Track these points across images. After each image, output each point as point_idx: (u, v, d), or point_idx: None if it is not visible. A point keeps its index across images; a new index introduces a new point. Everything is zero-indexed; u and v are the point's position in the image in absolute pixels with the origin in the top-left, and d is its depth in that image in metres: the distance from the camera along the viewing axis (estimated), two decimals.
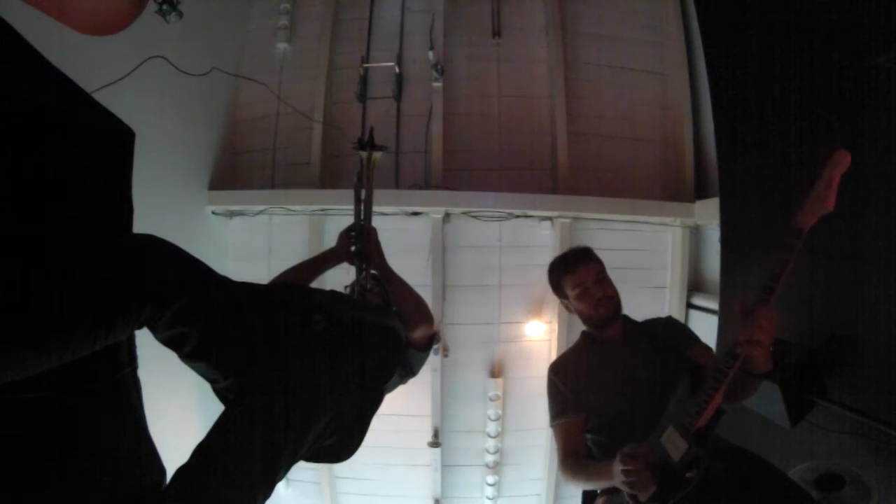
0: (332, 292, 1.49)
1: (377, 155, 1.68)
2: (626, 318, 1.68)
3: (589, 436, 1.56)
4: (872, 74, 1.61)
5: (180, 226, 3.26)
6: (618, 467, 1.25)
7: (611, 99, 3.77)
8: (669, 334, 1.63)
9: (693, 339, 1.63)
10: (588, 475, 1.44)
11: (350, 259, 1.68)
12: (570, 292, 1.60)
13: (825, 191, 1.14)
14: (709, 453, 1.24)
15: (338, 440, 1.18)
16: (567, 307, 1.68)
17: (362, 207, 1.72)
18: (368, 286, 1.65)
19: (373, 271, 1.66)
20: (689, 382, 1.35)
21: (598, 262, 1.64)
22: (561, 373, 1.62)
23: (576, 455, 1.50)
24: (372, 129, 1.70)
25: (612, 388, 1.51)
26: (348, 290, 1.67)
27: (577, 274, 1.58)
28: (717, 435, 1.37)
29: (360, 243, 1.65)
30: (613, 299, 1.60)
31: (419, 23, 3.86)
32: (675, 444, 1.26)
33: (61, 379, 0.68)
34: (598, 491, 1.51)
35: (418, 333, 1.49)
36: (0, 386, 0.61)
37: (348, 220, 1.77)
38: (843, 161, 1.12)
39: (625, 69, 3.79)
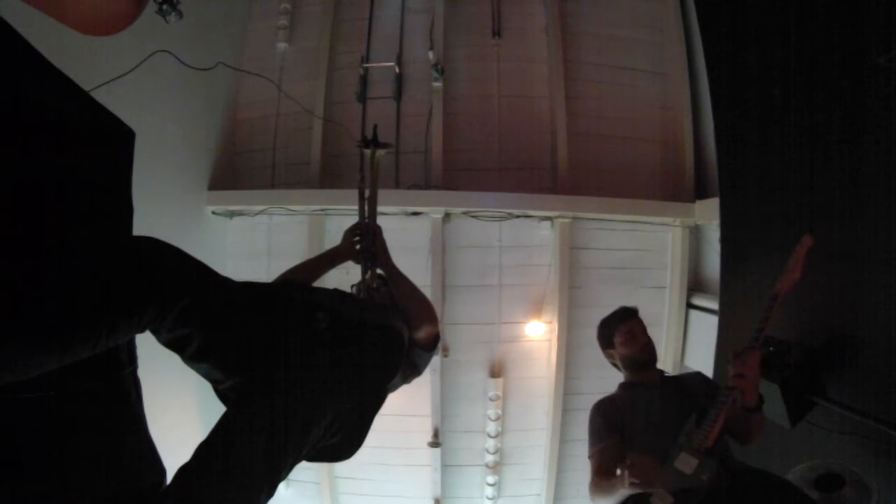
0: (336, 291, 1.48)
1: (381, 152, 1.67)
2: (661, 371, 1.87)
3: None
4: (872, 74, 1.60)
5: (180, 226, 3.26)
6: (625, 475, 1.40)
7: (611, 99, 3.77)
8: (697, 388, 1.78)
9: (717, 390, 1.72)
10: (611, 487, 1.57)
11: (355, 258, 1.67)
12: (619, 339, 1.85)
13: (794, 265, 1.57)
14: (718, 462, 1.40)
15: (340, 440, 1.17)
16: (612, 355, 1.91)
17: (367, 206, 1.71)
18: (375, 285, 1.64)
19: (378, 270, 1.65)
20: (696, 418, 1.54)
21: (642, 322, 1.92)
22: (603, 409, 1.78)
23: (606, 473, 1.61)
24: (376, 127, 1.69)
25: (651, 424, 1.66)
26: (354, 289, 1.66)
27: (627, 324, 1.87)
28: (725, 451, 1.54)
29: (366, 242, 1.64)
30: (654, 348, 1.86)
31: (419, 23, 3.86)
32: (687, 463, 1.42)
33: (61, 379, 0.68)
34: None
35: (423, 333, 1.48)
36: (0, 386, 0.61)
37: (348, 220, 1.76)
38: (806, 243, 1.58)
39: (625, 69, 3.79)
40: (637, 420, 1.68)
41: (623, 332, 1.86)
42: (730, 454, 1.57)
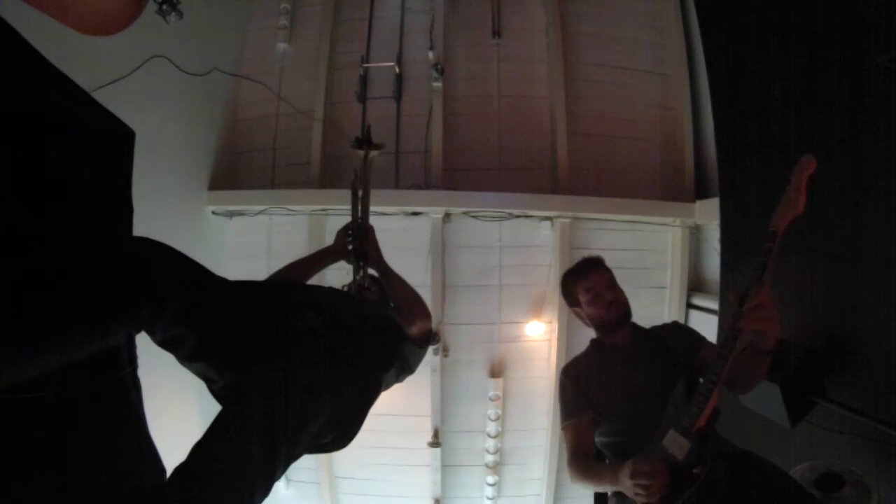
0: (331, 289, 1.49)
1: (374, 153, 1.68)
2: (635, 325, 1.71)
3: (598, 438, 1.57)
4: (872, 74, 1.61)
5: (180, 226, 3.26)
6: (628, 481, 1.27)
7: (611, 99, 3.77)
8: (676, 342, 1.62)
9: (699, 342, 1.62)
10: (596, 478, 1.45)
11: (347, 257, 1.67)
12: (583, 297, 1.65)
13: (795, 194, 1.20)
14: (711, 450, 1.27)
15: (335, 438, 1.18)
16: (579, 315, 1.72)
17: (360, 205, 1.72)
18: (366, 284, 1.65)
19: (370, 270, 1.66)
20: (685, 386, 1.39)
21: (609, 271, 1.69)
22: (572, 374, 1.64)
23: (584, 455, 1.50)
24: (369, 128, 1.70)
25: (620, 391, 1.53)
26: (346, 289, 1.67)
27: (589, 279, 1.64)
28: (718, 435, 1.40)
29: (358, 241, 1.65)
30: (624, 304, 1.65)
31: (419, 23, 3.86)
32: (678, 445, 1.28)
33: (61, 379, 0.68)
34: (609, 493, 1.52)
35: (415, 329, 1.49)
36: None
37: (348, 220, 1.77)
38: (808, 165, 1.19)
39: (625, 69, 3.79)
40: (611, 392, 1.52)
41: (584, 288, 1.64)
42: (720, 438, 1.44)
